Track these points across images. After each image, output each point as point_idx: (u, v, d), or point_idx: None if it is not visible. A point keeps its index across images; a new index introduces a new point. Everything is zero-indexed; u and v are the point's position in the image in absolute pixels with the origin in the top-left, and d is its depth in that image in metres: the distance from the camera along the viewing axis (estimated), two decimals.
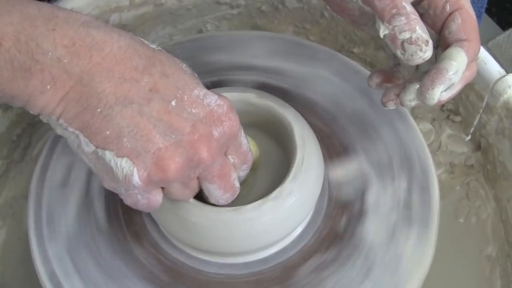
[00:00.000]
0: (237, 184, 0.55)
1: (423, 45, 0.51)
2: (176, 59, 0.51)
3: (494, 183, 0.72)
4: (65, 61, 0.46)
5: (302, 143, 0.58)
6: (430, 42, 0.51)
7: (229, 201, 0.55)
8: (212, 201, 0.55)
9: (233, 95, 0.60)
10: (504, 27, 1.55)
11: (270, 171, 0.62)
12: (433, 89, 0.53)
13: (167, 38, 0.85)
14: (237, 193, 0.55)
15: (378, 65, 0.83)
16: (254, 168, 0.59)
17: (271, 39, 0.75)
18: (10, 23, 0.46)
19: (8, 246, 0.71)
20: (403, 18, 0.51)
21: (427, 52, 0.51)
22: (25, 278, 0.68)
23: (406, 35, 0.51)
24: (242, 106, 0.61)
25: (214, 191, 0.53)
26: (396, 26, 0.51)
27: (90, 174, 0.65)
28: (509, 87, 0.68)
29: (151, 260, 0.61)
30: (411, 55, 0.51)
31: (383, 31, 0.52)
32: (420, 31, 0.51)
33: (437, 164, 0.74)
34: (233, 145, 0.53)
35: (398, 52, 0.51)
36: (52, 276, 0.60)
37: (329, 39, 0.85)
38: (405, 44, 0.51)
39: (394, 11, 0.51)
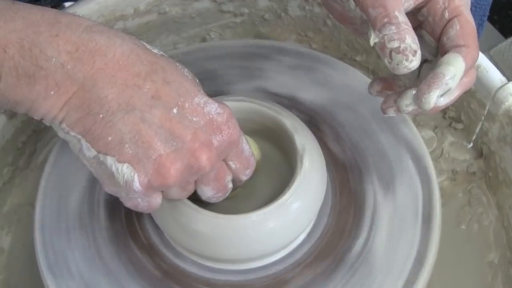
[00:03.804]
0: (230, 185, 0.56)
1: (410, 55, 0.51)
2: (177, 64, 0.52)
3: (496, 190, 0.72)
4: (69, 67, 0.47)
5: (304, 154, 0.58)
6: (418, 52, 0.51)
7: (220, 200, 0.56)
8: (204, 199, 0.56)
9: (237, 103, 0.61)
10: (506, 35, 1.55)
11: (273, 179, 0.63)
12: (429, 93, 0.53)
13: (171, 46, 0.86)
14: (229, 192, 0.56)
15: (381, 73, 0.83)
16: (255, 170, 0.59)
17: None
18: (13, 30, 0.46)
19: (13, 252, 0.71)
20: (393, 28, 0.51)
21: (413, 62, 0.51)
22: (30, 285, 0.68)
23: (395, 44, 0.51)
24: (246, 115, 0.61)
25: (208, 192, 0.54)
26: (386, 35, 0.51)
27: None
28: (511, 94, 0.68)
29: (146, 258, 0.61)
30: (397, 64, 0.51)
31: (373, 39, 0.52)
32: (410, 41, 0.51)
33: (439, 171, 0.74)
34: (234, 152, 0.54)
35: (386, 61, 0.52)
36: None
37: (331, 47, 0.85)
38: (393, 53, 0.51)
39: (385, 20, 0.52)
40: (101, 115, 0.47)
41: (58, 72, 0.47)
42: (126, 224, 0.63)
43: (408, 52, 0.51)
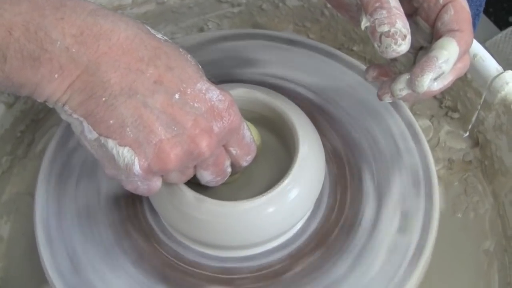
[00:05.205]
0: (229, 170, 0.56)
1: (399, 39, 0.51)
2: (181, 50, 0.52)
3: (492, 179, 0.73)
4: (73, 50, 0.47)
5: (303, 143, 0.59)
6: (408, 37, 0.52)
7: (219, 184, 0.57)
8: (203, 183, 0.56)
9: (237, 90, 0.61)
10: (501, 27, 1.56)
11: (271, 166, 0.63)
12: (422, 76, 0.53)
13: (169, 36, 0.86)
14: (227, 176, 0.57)
15: (377, 63, 0.83)
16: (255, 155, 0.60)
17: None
18: (19, 12, 0.46)
19: (13, 241, 0.71)
20: (384, 12, 0.51)
21: (402, 46, 0.51)
22: (30, 273, 0.68)
23: (385, 28, 0.51)
24: (245, 102, 0.62)
25: (207, 176, 0.55)
26: (376, 19, 0.52)
27: None
28: (507, 83, 0.68)
29: (146, 245, 0.62)
30: (386, 47, 0.51)
31: (364, 23, 0.53)
32: (400, 26, 0.51)
33: (436, 160, 0.74)
34: (234, 138, 0.54)
35: (375, 44, 0.52)
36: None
37: (329, 37, 0.85)
38: (382, 37, 0.51)
39: (377, 4, 0.52)
40: (103, 99, 0.48)
41: (63, 55, 0.47)
42: (126, 211, 0.63)
43: (398, 36, 0.51)
